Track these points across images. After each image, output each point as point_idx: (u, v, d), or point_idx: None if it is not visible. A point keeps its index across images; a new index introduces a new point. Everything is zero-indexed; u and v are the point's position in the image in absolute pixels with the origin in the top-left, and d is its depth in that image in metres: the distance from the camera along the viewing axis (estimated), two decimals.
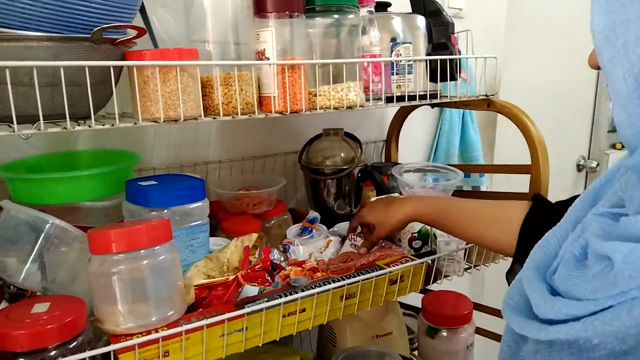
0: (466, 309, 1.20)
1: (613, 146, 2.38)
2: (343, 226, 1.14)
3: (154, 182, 0.84)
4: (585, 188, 1.09)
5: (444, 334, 1.19)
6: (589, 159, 2.29)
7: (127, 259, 0.69)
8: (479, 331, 1.26)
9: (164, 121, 0.74)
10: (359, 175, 1.20)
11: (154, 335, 0.66)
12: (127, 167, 0.89)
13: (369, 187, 1.27)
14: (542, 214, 0.79)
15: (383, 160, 1.47)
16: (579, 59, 2.31)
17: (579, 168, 2.30)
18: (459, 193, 1.29)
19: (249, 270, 0.76)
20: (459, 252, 1.00)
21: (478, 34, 1.12)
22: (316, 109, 0.88)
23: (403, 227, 0.96)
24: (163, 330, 0.69)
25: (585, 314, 0.46)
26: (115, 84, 0.72)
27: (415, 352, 1.27)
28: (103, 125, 0.70)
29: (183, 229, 0.82)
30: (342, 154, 1.19)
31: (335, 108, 0.89)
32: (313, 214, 1.07)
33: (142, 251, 0.70)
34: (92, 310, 0.71)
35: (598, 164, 2.25)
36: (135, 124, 0.73)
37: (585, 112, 2.29)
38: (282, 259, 0.76)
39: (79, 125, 0.70)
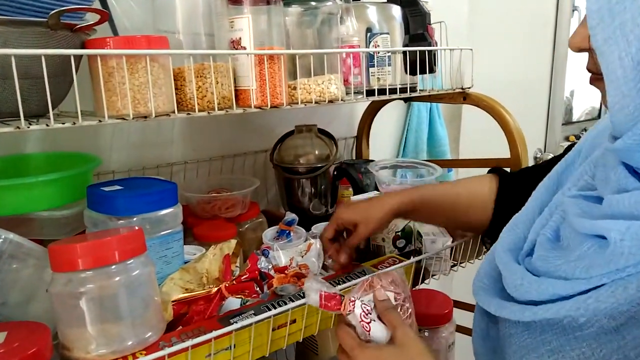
0: (446, 307, 1.17)
1: (567, 138, 2.44)
2: (321, 227, 1.08)
3: (119, 187, 0.76)
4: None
5: (425, 334, 1.15)
6: (545, 151, 2.34)
7: (97, 276, 0.60)
8: (460, 329, 1.24)
9: (133, 118, 0.66)
10: (335, 173, 1.14)
11: None
12: (87, 171, 0.80)
13: (344, 186, 1.22)
14: (511, 189, 0.81)
15: (354, 158, 1.42)
16: (535, 56, 2.36)
17: (536, 160, 2.34)
18: None
19: (233, 282, 0.69)
20: (445, 251, 0.96)
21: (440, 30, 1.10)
22: (297, 103, 0.81)
23: (389, 223, 0.90)
24: (141, 355, 0.61)
25: (575, 293, 0.47)
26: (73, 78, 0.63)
27: None
28: (63, 123, 0.61)
29: (155, 238, 0.74)
30: (317, 152, 1.13)
31: (316, 102, 0.83)
32: (290, 215, 1.00)
33: (114, 267, 0.61)
34: (55, 333, 0.62)
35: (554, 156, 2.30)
36: (101, 121, 0.64)
37: (541, 106, 2.34)
38: (270, 267, 0.70)
39: (34, 124, 0.60)
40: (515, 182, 0.82)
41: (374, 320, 0.60)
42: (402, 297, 0.63)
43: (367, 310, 0.60)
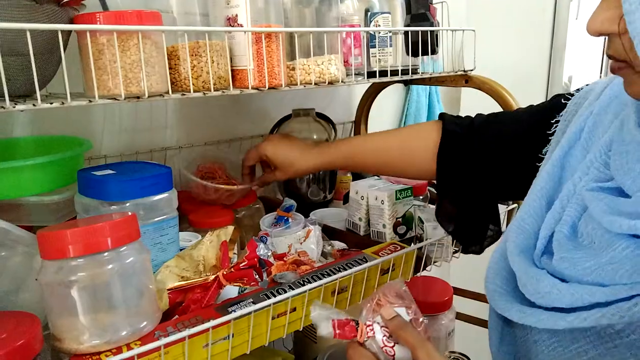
0: (446, 295, 1.16)
1: None
2: (320, 214, 1.05)
3: (111, 172, 0.72)
4: None
5: (425, 321, 1.14)
6: None
7: (88, 264, 0.57)
8: (460, 316, 1.22)
9: (125, 98, 0.62)
10: None
11: (127, 354, 0.55)
12: (77, 155, 0.76)
13: (343, 171, 1.19)
14: (455, 141, 0.79)
15: None
16: (533, 41, 2.33)
17: None
18: None
19: (231, 269, 0.66)
20: (447, 237, 0.94)
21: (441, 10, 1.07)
22: (296, 84, 0.78)
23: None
24: (136, 345, 0.58)
25: (615, 299, 0.43)
26: (61, 56, 0.60)
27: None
28: (51, 103, 0.58)
29: (149, 224, 0.71)
30: (315, 136, 1.10)
31: (316, 83, 0.80)
32: (288, 201, 0.98)
33: (106, 254, 0.58)
34: (45, 323, 0.59)
35: None
36: (91, 101, 0.61)
37: (539, 93, 2.32)
38: (269, 254, 0.67)
39: (20, 104, 0.57)
40: (460, 135, 0.79)
41: (397, 343, 0.56)
42: (412, 309, 0.60)
43: (388, 333, 0.57)
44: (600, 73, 2.78)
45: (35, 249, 0.59)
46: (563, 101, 0.67)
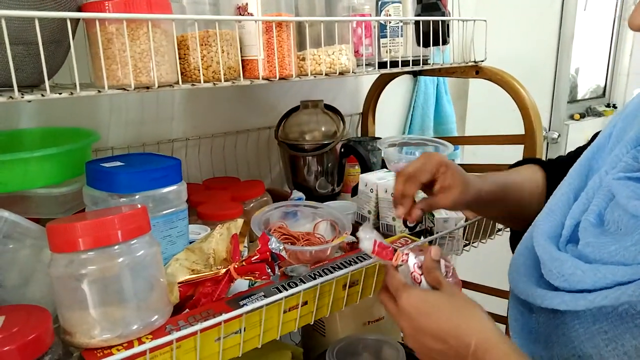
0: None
1: (572, 117, 2.40)
2: (333, 205, 1.04)
3: (120, 164, 0.71)
4: (546, 159, 1.08)
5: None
6: (550, 130, 2.30)
7: (99, 257, 0.56)
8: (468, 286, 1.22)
9: (135, 88, 0.61)
10: (342, 150, 1.10)
11: (140, 348, 0.55)
12: (85, 146, 0.75)
13: (351, 164, 1.18)
14: (557, 179, 0.73)
15: (359, 135, 1.38)
16: (541, 33, 2.30)
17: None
18: None
19: (243, 262, 0.65)
20: (458, 230, 0.93)
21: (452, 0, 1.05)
22: (307, 74, 0.77)
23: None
24: (148, 339, 0.57)
25: (636, 278, 0.45)
26: (69, 45, 0.58)
27: (401, 334, 1.21)
28: (60, 94, 0.57)
29: (159, 216, 0.70)
30: (323, 128, 1.09)
31: (326, 74, 0.79)
32: (297, 194, 0.97)
33: (117, 247, 0.57)
34: (55, 317, 0.59)
35: (559, 135, 2.26)
36: (100, 91, 0.60)
37: (546, 84, 2.29)
38: (281, 247, 0.67)
39: (28, 94, 0.56)
40: (558, 171, 0.74)
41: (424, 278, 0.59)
42: (450, 268, 0.62)
43: (420, 264, 0.59)
44: (608, 66, 2.75)
45: (44, 242, 0.58)
46: None
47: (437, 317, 0.53)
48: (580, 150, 0.72)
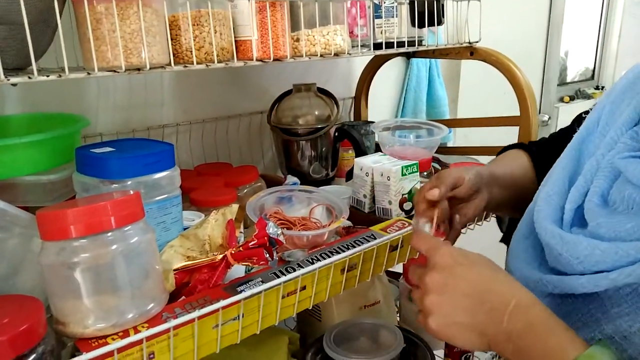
0: None
1: (561, 99, 2.41)
2: (330, 189, 1.03)
3: (111, 149, 0.69)
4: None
5: None
6: (540, 112, 2.31)
7: (92, 244, 0.55)
8: None
9: (126, 70, 0.59)
10: (336, 134, 1.09)
11: (136, 336, 0.53)
12: (74, 132, 0.73)
13: (345, 148, 1.17)
14: (544, 165, 0.74)
15: (352, 119, 1.37)
16: (531, 16, 2.29)
17: None
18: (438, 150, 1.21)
19: (240, 248, 0.64)
20: None
21: None
22: (302, 55, 0.75)
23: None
24: (144, 328, 0.56)
25: None
26: (56, 26, 0.56)
27: (398, 318, 1.21)
28: (48, 76, 0.55)
29: (152, 203, 0.69)
30: (316, 112, 1.07)
31: (321, 55, 0.77)
32: (292, 178, 0.95)
33: (110, 234, 0.56)
34: (47, 307, 0.57)
35: (549, 117, 2.26)
36: (89, 74, 0.58)
37: (536, 67, 2.29)
38: (279, 232, 0.65)
39: (14, 77, 0.54)
40: (544, 156, 0.76)
41: None
42: None
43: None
44: (597, 48, 2.75)
45: (33, 230, 0.56)
46: (584, 115, 0.69)
47: (478, 270, 0.50)
48: (563, 132, 0.72)
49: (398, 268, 1.20)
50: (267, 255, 0.62)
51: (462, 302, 0.49)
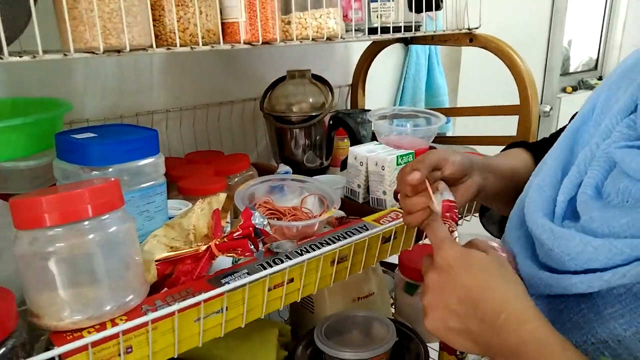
0: None
1: (564, 90, 2.37)
2: (321, 179, 1.00)
3: (93, 135, 0.67)
4: (538, 132, 1.06)
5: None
6: (541, 103, 2.27)
7: (67, 233, 0.52)
8: None
9: (104, 52, 0.56)
10: (330, 123, 1.06)
11: (112, 330, 0.51)
12: (56, 117, 0.71)
13: (340, 137, 1.14)
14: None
15: (349, 107, 1.34)
16: (534, 4, 2.24)
17: None
18: (436, 139, 1.18)
19: (224, 239, 0.62)
20: None
21: None
22: (292, 39, 0.72)
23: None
24: (122, 321, 0.54)
25: None
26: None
27: (392, 310, 1.19)
28: (20, 56, 0.52)
29: (135, 191, 0.66)
30: (311, 99, 1.04)
31: (313, 39, 0.74)
32: (284, 167, 0.93)
33: (87, 222, 0.53)
34: (22, 299, 0.55)
35: (551, 108, 2.23)
36: (66, 55, 0.55)
37: (539, 57, 2.25)
38: (265, 222, 0.63)
39: None
40: (545, 152, 0.71)
41: None
42: (510, 259, 0.55)
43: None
44: (600, 38, 2.71)
45: (9, 219, 0.54)
46: None
47: (475, 275, 0.46)
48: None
49: (394, 259, 1.17)
50: (252, 246, 0.60)
51: (456, 307, 0.46)
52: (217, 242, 0.62)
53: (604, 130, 0.53)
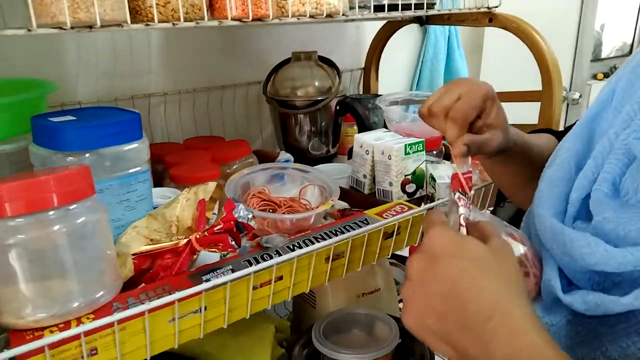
0: None
1: (595, 76, 2.24)
2: (321, 170, 0.95)
3: (72, 118, 0.63)
4: (566, 121, 0.97)
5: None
6: (570, 90, 2.15)
7: (30, 224, 0.48)
8: None
9: (72, 27, 0.52)
10: (337, 108, 1.00)
11: (72, 331, 0.47)
12: (35, 98, 0.67)
13: (348, 123, 1.08)
14: None
15: (361, 92, 1.27)
16: None
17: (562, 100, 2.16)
18: None
19: (205, 233, 0.57)
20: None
21: None
22: (287, 15, 0.66)
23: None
24: (88, 319, 0.50)
25: None
26: None
27: (401, 305, 1.13)
28: None
29: (114, 178, 0.62)
30: (316, 83, 0.99)
31: (311, 16, 0.68)
32: (284, 155, 0.87)
33: (52, 212, 0.49)
34: None
35: (580, 95, 2.11)
36: (30, 30, 0.50)
37: (568, 41, 2.13)
38: (250, 216, 0.58)
39: None
40: None
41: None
42: (530, 255, 0.49)
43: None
44: (636, 22, 2.56)
45: None
46: None
47: (464, 268, 0.38)
48: None
49: (404, 252, 1.11)
50: (233, 242, 0.55)
51: (436, 304, 0.38)
52: (198, 236, 0.57)
53: (624, 119, 0.46)
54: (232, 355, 0.81)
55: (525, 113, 1.02)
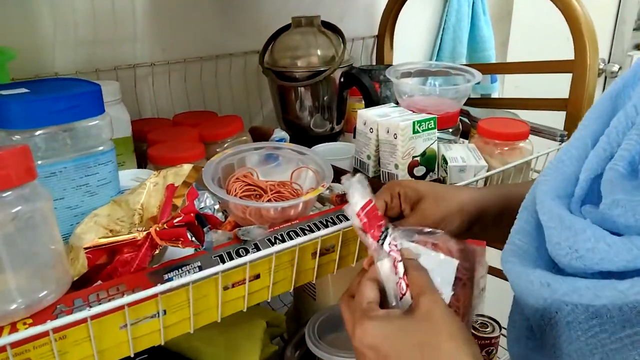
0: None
1: (637, 47, 2.07)
2: (323, 149, 0.86)
3: (25, 91, 0.55)
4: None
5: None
6: (609, 62, 1.99)
7: None
8: (493, 271, 1.03)
9: None
10: (342, 80, 0.90)
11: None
12: None
13: (355, 97, 0.98)
14: None
15: (374, 63, 1.17)
16: None
17: (598, 73, 2.00)
18: (470, 101, 1.00)
19: (165, 225, 0.49)
20: (478, 183, 0.73)
21: None
22: None
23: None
24: (25, 326, 0.43)
25: None
26: None
27: None
28: None
29: (69, 160, 0.54)
30: (319, 52, 0.89)
31: None
32: (279, 133, 0.79)
33: None
34: None
35: (620, 68, 1.95)
36: None
37: (608, 8, 1.96)
38: (216, 206, 0.50)
39: None
40: None
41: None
42: (466, 276, 0.46)
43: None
44: None
45: None
46: None
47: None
48: None
49: None
50: (193, 237, 0.47)
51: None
52: (158, 228, 0.50)
53: None
54: (219, 352, 0.75)
55: (563, 86, 0.91)
